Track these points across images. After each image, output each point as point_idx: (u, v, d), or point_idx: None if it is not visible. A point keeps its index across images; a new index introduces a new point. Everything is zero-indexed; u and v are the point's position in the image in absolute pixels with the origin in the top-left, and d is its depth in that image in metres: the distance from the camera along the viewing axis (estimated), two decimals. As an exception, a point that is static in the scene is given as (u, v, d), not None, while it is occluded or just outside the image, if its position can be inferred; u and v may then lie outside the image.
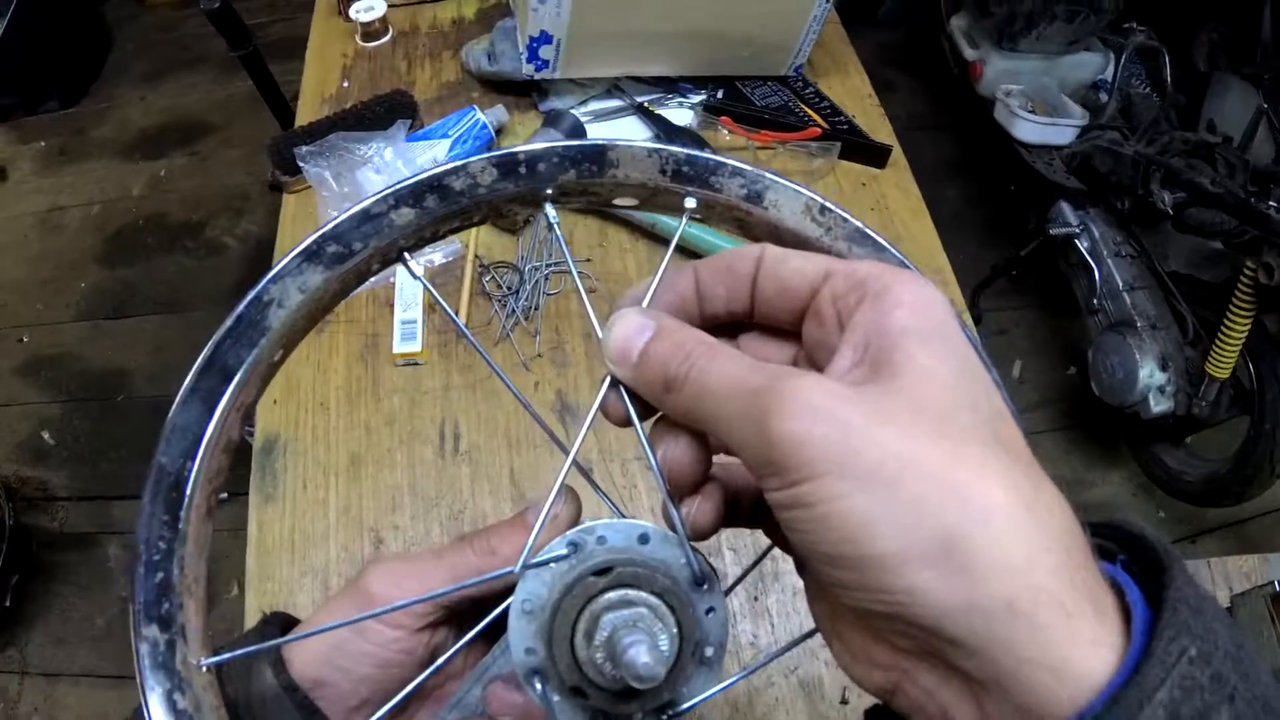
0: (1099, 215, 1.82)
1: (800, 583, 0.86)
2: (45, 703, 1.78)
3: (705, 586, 0.31)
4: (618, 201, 0.35)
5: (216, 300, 2.39)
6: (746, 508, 0.34)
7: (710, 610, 0.31)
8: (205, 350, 0.30)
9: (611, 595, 0.29)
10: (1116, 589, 0.24)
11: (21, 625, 1.87)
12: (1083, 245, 1.81)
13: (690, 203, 0.34)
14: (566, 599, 0.29)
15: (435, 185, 0.32)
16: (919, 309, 0.25)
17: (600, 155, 0.33)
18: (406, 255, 0.33)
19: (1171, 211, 1.60)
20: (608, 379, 0.31)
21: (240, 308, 0.31)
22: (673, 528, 0.30)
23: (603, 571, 0.30)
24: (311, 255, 0.31)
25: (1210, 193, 1.49)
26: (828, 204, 0.33)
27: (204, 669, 0.30)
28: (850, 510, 0.22)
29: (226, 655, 0.31)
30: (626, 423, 0.31)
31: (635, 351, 0.29)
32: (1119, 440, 2.01)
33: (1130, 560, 0.26)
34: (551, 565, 0.30)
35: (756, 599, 0.82)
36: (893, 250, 0.33)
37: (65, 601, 1.91)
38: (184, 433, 0.30)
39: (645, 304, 0.31)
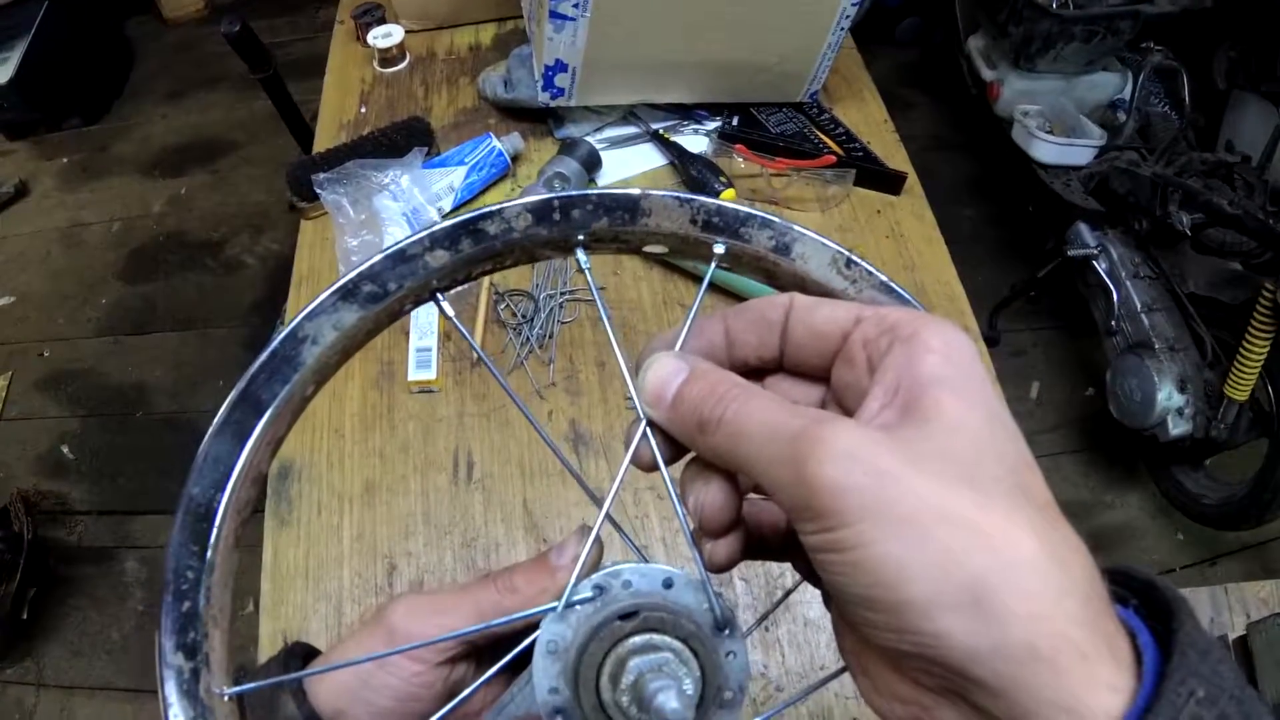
0: (1117, 236, 1.81)
1: (810, 613, 0.86)
2: (61, 714, 1.79)
3: (727, 631, 0.31)
4: (648, 248, 0.36)
5: (236, 318, 2.41)
6: (776, 543, 0.35)
7: (730, 654, 0.31)
8: (240, 383, 0.31)
9: (637, 640, 0.30)
10: (1129, 632, 0.25)
11: (38, 638, 1.88)
12: (1101, 266, 1.80)
13: (719, 248, 0.35)
14: (593, 642, 0.30)
15: (471, 229, 0.33)
16: (948, 354, 0.26)
17: (633, 205, 0.34)
18: (439, 296, 0.34)
19: (1190, 232, 1.59)
20: (640, 427, 0.31)
21: (275, 343, 0.31)
22: (697, 569, 0.31)
23: (628, 615, 0.30)
24: (347, 294, 0.32)
25: (1229, 214, 1.49)
26: (854, 257, 0.34)
27: (227, 698, 0.30)
28: (884, 556, 0.23)
29: (250, 685, 0.32)
30: (655, 468, 0.32)
31: (670, 393, 0.30)
32: (1137, 462, 1.99)
33: (1141, 605, 0.27)
34: (577, 607, 0.31)
35: (767, 629, 0.82)
36: (916, 304, 0.34)
37: (82, 615, 1.93)
38: (216, 464, 0.30)
39: (677, 349, 0.32)
